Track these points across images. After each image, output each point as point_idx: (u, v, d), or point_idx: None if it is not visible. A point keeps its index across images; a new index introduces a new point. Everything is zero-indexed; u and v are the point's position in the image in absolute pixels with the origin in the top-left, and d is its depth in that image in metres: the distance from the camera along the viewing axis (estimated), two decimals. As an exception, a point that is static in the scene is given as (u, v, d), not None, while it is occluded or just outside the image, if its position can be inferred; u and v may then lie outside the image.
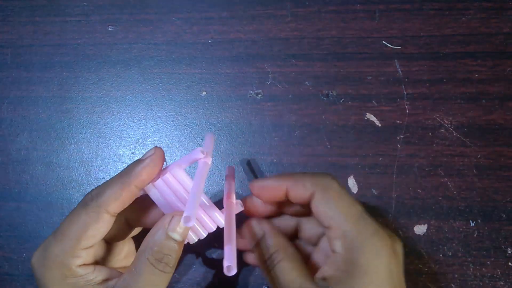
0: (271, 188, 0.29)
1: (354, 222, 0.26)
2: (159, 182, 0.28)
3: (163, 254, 0.26)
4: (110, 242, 0.31)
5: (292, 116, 0.38)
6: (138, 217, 0.30)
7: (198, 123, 0.38)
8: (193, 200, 0.25)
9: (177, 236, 0.26)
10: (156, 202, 0.29)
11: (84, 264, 0.27)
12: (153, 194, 0.28)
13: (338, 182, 0.28)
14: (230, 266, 0.25)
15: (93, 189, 0.28)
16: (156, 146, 0.28)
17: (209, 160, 0.28)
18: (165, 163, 0.29)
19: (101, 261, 0.29)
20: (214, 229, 0.29)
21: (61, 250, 0.26)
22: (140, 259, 0.26)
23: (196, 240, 0.29)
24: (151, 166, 0.27)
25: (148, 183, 0.28)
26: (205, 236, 0.29)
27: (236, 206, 0.30)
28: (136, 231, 0.32)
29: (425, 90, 0.37)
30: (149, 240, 0.26)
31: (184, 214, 0.24)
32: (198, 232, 0.29)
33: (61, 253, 0.26)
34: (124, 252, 0.32)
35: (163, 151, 0.28)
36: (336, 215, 0.27)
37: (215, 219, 0.29)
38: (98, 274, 0.27)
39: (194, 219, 0.24)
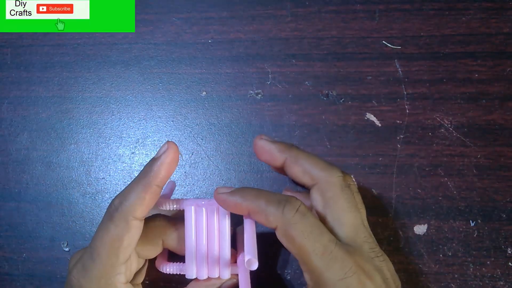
0: (270, 154, 0.29)
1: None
2: (199, 203, 0.29)
3: None
4: (143, 258, 0.30)
5: (292, 116, 0.38)
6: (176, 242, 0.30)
7: (198, 123, 0.38)
8: (252, 244, 0.27)
9: None
10: (185, 221, 0.29)
11: (127, 282, 0.27)
12: (188, 214, 0.28)
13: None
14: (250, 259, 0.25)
15: (114, 199, 0.27)
16: (168, 141, 0.27)
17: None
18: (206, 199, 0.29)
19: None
20: (215, 276, 0.29)
21: (102, 271, 0.26)
22: None
23: (194, 277, 0.29)
24: (167, 162, 0.27)
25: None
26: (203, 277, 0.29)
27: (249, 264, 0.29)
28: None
29: (425, 90, 0.37)
30: None
31: (247, 257, 0.25)
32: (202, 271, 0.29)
33: (104, 275, 0.26)
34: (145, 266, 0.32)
35: (176, 145, 0.27)
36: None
37: (223, 272, 0.29)
38: None
39: (256, 262, 0.26)
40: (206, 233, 0.28)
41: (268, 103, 0.38)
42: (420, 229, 0.35)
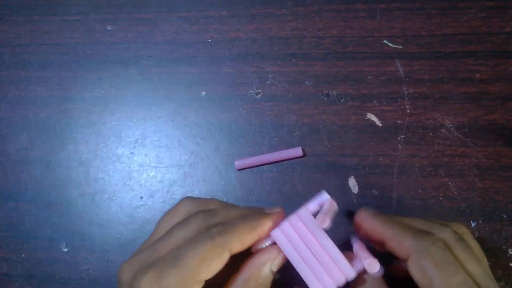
0: (369, 230, 0.28)
1: None
2: (285, 225, 0.28)
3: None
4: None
5: (292, 116, 0.37)
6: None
7: (198, 123, 0.38)
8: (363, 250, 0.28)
9: (274, 271, 0.27)
10: (281, 247, 0.28)
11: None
12: (280, 239, 0.28)
13: (440, 247, 0.25)
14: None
15: (216, 221, 0.27)
16: (281, 208, 0.28)
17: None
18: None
19: None
20: (344, 280, 0.27)
21: (179, 280, 0.25)
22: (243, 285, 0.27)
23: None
24: (274, 222, 0.28)
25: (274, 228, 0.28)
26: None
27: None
28: None
29: (426, 90, 0.37)
30: (253, 272, 0.27)
31: (368, 260, 0.26)
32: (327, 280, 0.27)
33: (180, 285, 0.25)
34: None
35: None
36: (432, 282, 0.25)
37: (345, 271, 0.27)
38: None
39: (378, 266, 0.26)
40: (306, 245, 0.28)
41: (268, 103, 0.38)
42: (420, 229, 0.35)
